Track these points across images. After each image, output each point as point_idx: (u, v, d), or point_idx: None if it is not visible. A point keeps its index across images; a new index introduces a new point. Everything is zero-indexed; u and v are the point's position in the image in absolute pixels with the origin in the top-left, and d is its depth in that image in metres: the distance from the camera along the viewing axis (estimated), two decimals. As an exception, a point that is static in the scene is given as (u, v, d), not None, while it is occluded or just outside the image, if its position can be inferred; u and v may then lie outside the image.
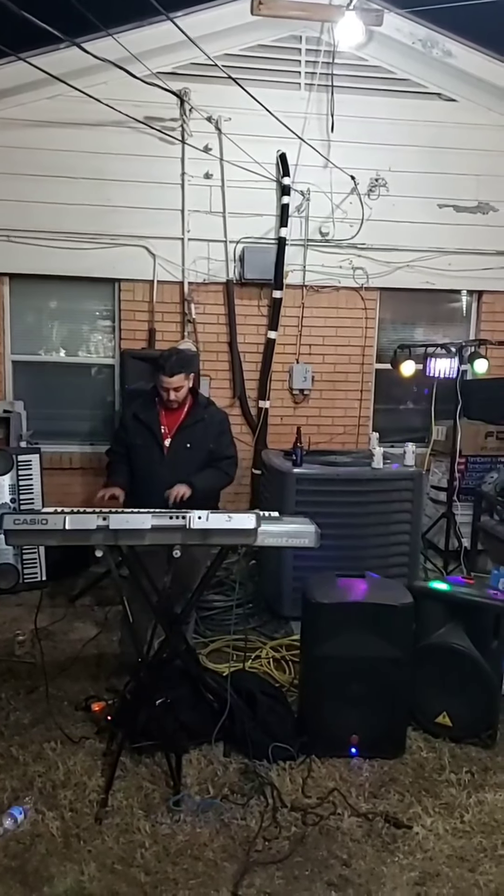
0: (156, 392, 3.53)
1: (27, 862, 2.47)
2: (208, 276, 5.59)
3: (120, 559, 2.98)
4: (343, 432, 5.88)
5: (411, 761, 3.07)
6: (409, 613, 3.08)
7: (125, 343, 5.57)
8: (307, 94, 5.51)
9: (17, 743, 3.14)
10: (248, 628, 4.29)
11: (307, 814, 2.71)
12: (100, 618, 4.55)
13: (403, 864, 2.48)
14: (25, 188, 5.30)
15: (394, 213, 5.68)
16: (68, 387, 5.77)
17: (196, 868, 2.45)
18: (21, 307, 5.65)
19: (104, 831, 2.62)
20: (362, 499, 4.39)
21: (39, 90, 5.18)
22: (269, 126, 5.24)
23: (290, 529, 2.90)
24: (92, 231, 5.40)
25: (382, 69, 5.55)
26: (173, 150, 5.43)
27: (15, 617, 4.53)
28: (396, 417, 6.11)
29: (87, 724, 3.30)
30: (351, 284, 5.73)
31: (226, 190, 5.51)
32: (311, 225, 5.65)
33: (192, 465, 3.46)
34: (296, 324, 5.73)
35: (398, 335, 6.03)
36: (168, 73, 5.26)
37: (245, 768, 2.98)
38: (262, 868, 2.45)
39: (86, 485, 5.62)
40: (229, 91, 5.14)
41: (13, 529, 2.72)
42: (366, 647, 3.01)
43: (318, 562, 3.74)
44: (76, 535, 2.72)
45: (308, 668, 3.19)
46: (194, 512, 2.81)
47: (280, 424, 5.80)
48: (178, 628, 3.23)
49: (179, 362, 3.41)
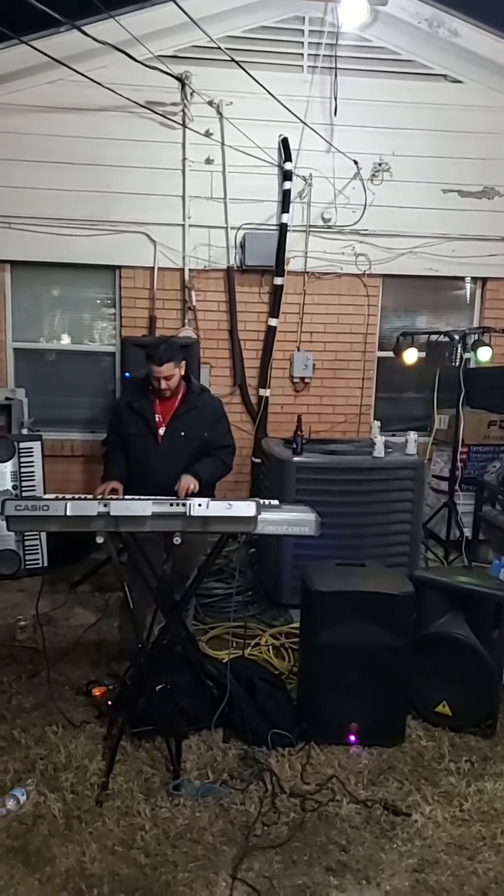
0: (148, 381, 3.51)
1: (29, 842, 2.50)
2: (209, 263, 5.56)
3: (120, 546, 2.99)
4: (344, 421, 5.87)
5: (410, 750, 3.08)
6: (410, 602, 3.09)
7: (126, 330, 5.56)
8: (310, 77, 5.45)
9: (20, 726, 3.17)
10: (248, 616, 4.31)
11: (306, 800, 2.73)
12: (100, 604, 4.57)
13: (402, 851, 2.50)
14: (25, 174, 5.26)
15: (397, 198, 5.63)
16: (69, 374, 5.77)
17: (195, 851, 2.48)
18: (22, 294, 5.63)
19: (105, 814, 2.65)
20: (363, 488, 4.38)
21: (39, 75, 5.14)
22: (271, 110, 5.19)
23: (291, 517, 2.90)
24: (92, 218, 5.38)
25: (387, 50, 5.48)
26: (174, 135, 5.38)
27: (16, 602, 4.56)
28: (398, 406, 6.09)
29: (87, 709, 3.33)
30: (353, 271, 5.70)
31: (227, 175, 5.46)
32: (313, 211, 5.61)
33: (187, 453, 3.44)
34: (297, 311, 5.71)
35: (400, 322, 6.00)
36: (169, 56, 5.20)
37: (244, 754, 3.00)
38: (260, 852, 2.48)
39: (87, 472, 5.63)
40: (231, 74, 5.10)
41: (15, 515, 2.73)
42: (365, 635, 3.02)
43: (317, 550, 3.74)
44: (77, 522, 2.73)
45: (307, 655, 3.21)
46: (194, 499, 2.81)
47: (280, 413, 5.79)
48: (178, 615, 3.24)
49: (168, 350, 3.37)
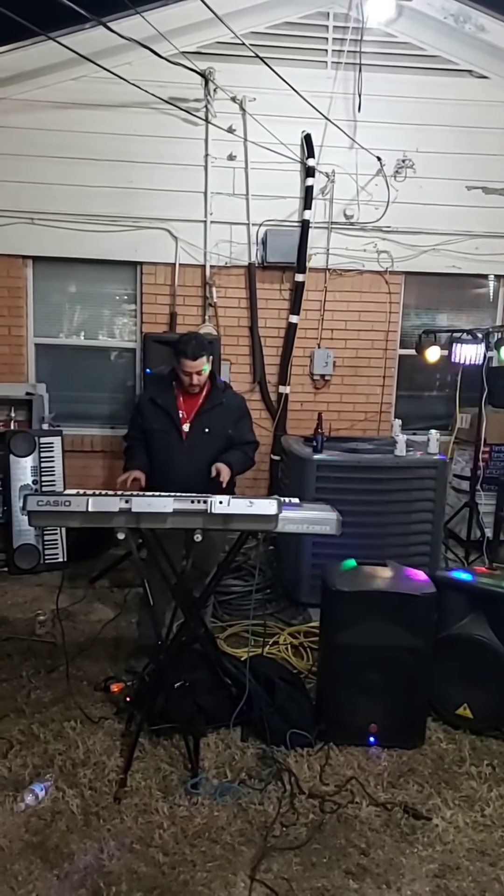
0: (173, 376, 3.50)
1: (48, 838, 2.50)
2: (230, 260, 5.54)
3: (140, 541, 2.98)
4: (364, 419, 5.83)
5: (431, 752, 3.05)
6: (431, 603, 3.04)
7: (146, 326, 5.56)
8: (334, 73, 5.41)
9: (38, 721, 3.17)
10: (266, 614, 4.29)
11: (325, 801, 2.71)
12: (119, 600, 4.57)
13: (423, 856, 2.47)
14: (48, 170, 5.29)
15: (420, 195, 5.58)
16: (90, 370, 5.79)
17: (214, 851, 2.46)
18: (43, 290, 5.66)
19: (123, 811, 2.64)
20: (384, 486, 4.34)
21: (63, 71, 5.17)
22: (294, 106, 5.17)
23: (312, 516, 2.87)
24: (114, 213, 5.39)
25: (412, 46, 5.42)
26: (197, 132, 5.37)
27: (36, 597, 4.58)
28: (419, 404, 6.03)
29: (106, 705, 3.33)
30: (375, 268, 5.65)
31: (249, 172, 5.44)
32: (335, 207, 5.57)
33: (211, 450, 3.44)
34: (318, 308, 5.67)
35: (421, 320, 5.94)
36: (193, 52, 5.19)
37: (262, 754, 2.98)
38: (279, 853, 2.46)
39: (106, 467, 5.65)
40: (254, 70, 5.08)
41: (37, 511, 2.73)
42: (386, 636, 2.99)
43: (337, 549, 3.71)
44: (98, 518, 2.72)
45: (327, 655, 3.18)
46: (215, 496, 2.79)
47: (300, 410, 5.77)
48: (197, 612, 3.23)
49: (200, 345, 3.39)
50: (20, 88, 5.23)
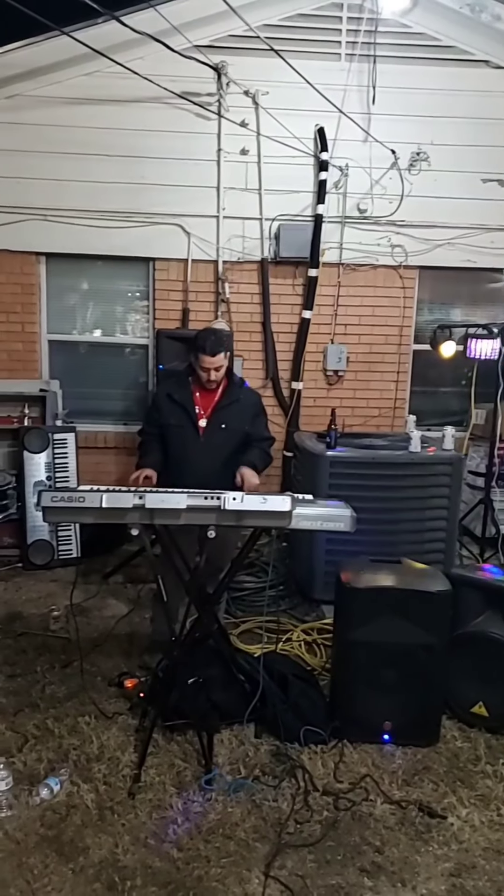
0: (190, 372, 3.50)
1: (63, 832, 2.51)
2: (243, 255, 5.52)
3: (153, 537, 2.98)
4: (378, 415, 5.79)
5: (446, 750, 3.03)
6: (447, 601, 3.02)
7: (159, 323, 5.55)
8: (347, 65, 5.35)
9: (53, 716, 3.19)
10: (279, 610, 4.28)
11: (339, 798, 2.70)
12: (132, 595, 4.58)
13: (438, 855, 2.45)
14: (61, 167, 5.29)
15: (435, 188, 5.52)
16: (103, 366, 5.80)
17: (228, 847, 2.46)
18: (57, 287, 5.66)
19: (137, 806, 2.65)
20: (398, 483, 4.31)
21: (76, 67, 5.16)
22: (308, 99, 5.13)
23: (326, 513, 2.86)
24: (127, 209, 5.38)
25: (427, 36, 5.36)
26: (209, 126, 5.35)
27: (50, 592, 4.60)
28: (434, 400, 5.99)
29: (119, 701, 3.34)
30: (389, 263, 5.61)
31: (262, 166, 5.41)
32: (348, 201, 5.53)
33: (228, 445, 3.44)
34: (331, 303, 5.64)
35: (436, 315, 5.89)
36: (205, 45, 5.16)
37: (276, 750, 2.98)
38: (293, 850, 2.45)
39: (119, 464, 5.66)
40: (267, 64, 5.05)
41: (51, 507, 2.74)
42: (401, 633, 2.97)
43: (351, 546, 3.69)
44: (112, 514, 2.72)
45: (341, 652, 3.16)
46: (229, 493, 2.79)
47: (313, 406, 5.74)
48: (211, 608, 3.23)
49: (219, 341, 3.39)
50: (33, 84, 5.22)
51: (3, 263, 5.46)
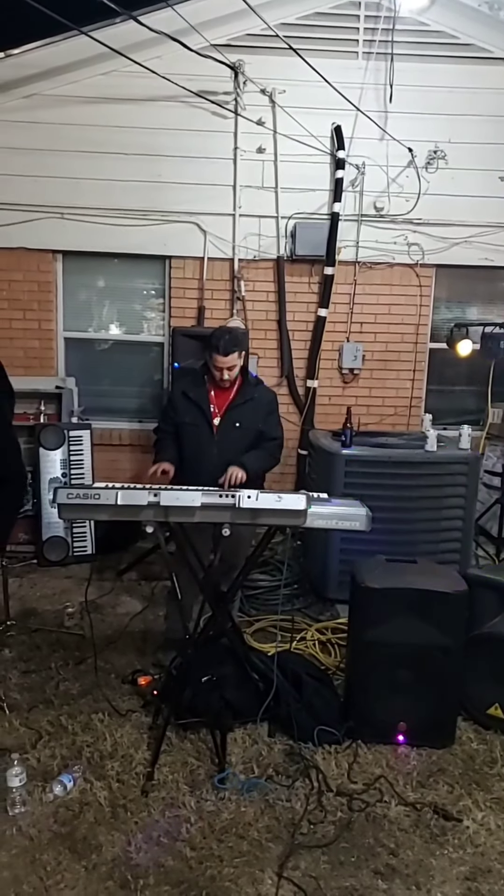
0: (205, 370, 3.50)
1: (76, 829, 2.52)
2: (259, 253, 5.51)
3: (167, 535, 2.98)
4: (394, 413, 5.76)
5: (461, 752, 3.00)
6: (463, 602, 2.99)
7: (175, 321, 5.55)
8: (365, 64, 5.33)
9: (67, 712, 3.20)
10: (293, 609, 4.27)
11: (353, 799, 2.68)
12: (146, 593, 4.59)
13: (453, 858, 2.43)
14: (78, 165, 5.31)
15: (452, 186, 5.47)
16: (118, 364, 5.81)
17: (241, 847, 2.45)
18: (73, 284, 5.68)
19: (150, 804, 2.65)
20: (414, 482, 4.28)
21: (93, 66, 5.18)
22: (324, 98, 5.10)
23: (341, 511, 2.85)
24: (143, 207, 5.39)
25: (445, 34, 5.32)
26: (226, 125, 5.34)
27: (64, 589, 4.62)
28: (450, 399, 5.94)
29: (133, 698, 3.34)
30: (405, 261, 5.57)
31: (278, 164, 5.40)
32: (365, 200, 5.50)
33: (242, 444, 3.43)
34: (347, 301, 5.61)
35: (452, 314, 5.85)
36: (223, 45, 5.15)
37: (290, 750, 2.97)
38: (307, 851, 2.44)
39: (134, 461, 5.67)
40: (284, 62, 5.05)
41: (67, 503, 2.74)
42: (416, 634, 2.95)
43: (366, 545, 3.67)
44: (127, 511, 2.73)
45: (356, 652, 3.15)
46: (244, 491, 2.78)
47: (328, 404, 5.72)
48: (225, 606, 3.22)
49: (233, 340, 3.38)
50: (51, 84, 5.25)
51: (20, 261, 5.48)
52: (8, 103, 5.26)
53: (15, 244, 5.42)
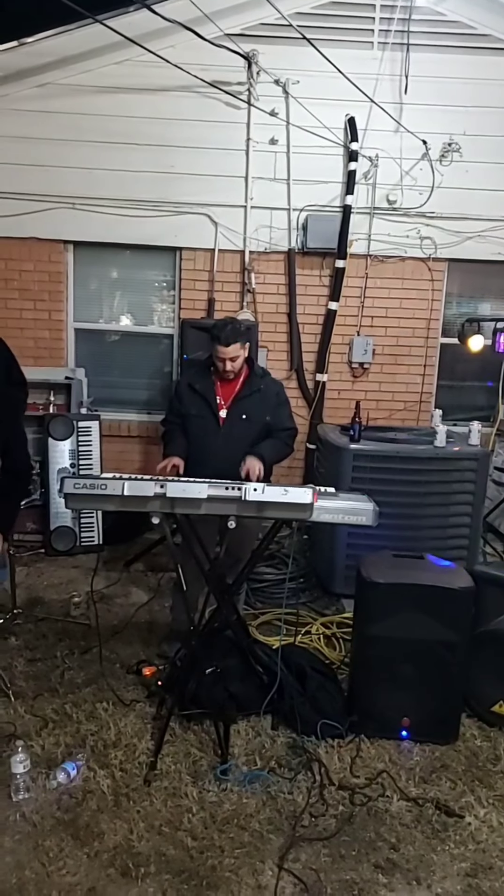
0: (211, 362, 3.48)
1: (79, 816, 2.53)
2: (270, 245, 5.49)
3: (174, 526, 2.98)
4: (404, 408, 5.73)
5: (464, 749, 2.99)
6: (469, 598, 2.98)
7: (185, 312, 5.54)
8: (380, 54, 5.27)
9: (71, 701, 3.22)
10: (299, 603, 4.27)
11: (355, 793, 2.68)
12: (152, 584, 4.60)
13: (454, 854, 2.42)
14: (90, 155, 5.29)
15: (467, 179, 5.42)
16: (128, 355, 5.81)
17: (242, 838, 2.46)
18: (84, 275, 5.68)
19: (153, 793, 2.66)
20: (422, 478, 4.26)
21: (107, 55, 5.16)
22: (339, 89, 5.06)
23: (348, 506, 2.83)
24: (155, 198, 5.37)
25: (462, 24, 5.24)
26: (239, 116, 5.31)
27: (71, 579, 4.64)
28: (461, 394, 5.90)
29: (137, 688, 3.35)
30: (418, 255, 5.53)
31: (291, 156, 5.36)
32: (378, 192, 5.45)
33: (248, 436, 3.41)
34: (358, 295, 5.58)
35: (464, 309, 5.80)
36: (236, 34, 5.11)
37: (293, 743, 2.97)
38: (307, 844, 2.44)
39: (143, 452, 5.68)
40: (298, 52, 5.00)
41: (73, 493, 2.75)
42: (422, 629, 2.94)
43: (372, 540, 3.67)
44: (134, 502, 2.73)
45: (360, 646, 3.14)
46: (250, 484, 2.77)
47: (337, 399, 5.70)
48: (230, 598, 3.23)
49: (235, 332, 3.35)
50: (64, 73, 5.23)
51: (31, 251, 5.49)
52: (21, 92, 5.25)
53: (26, 234, 5.42)
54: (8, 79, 5.21)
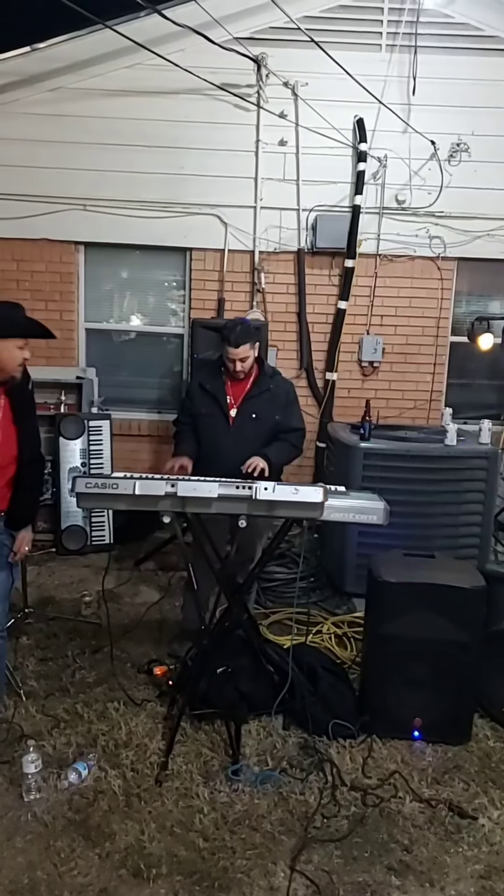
0: (222, 362, 3.49)
1: (90, 817, 2.53)
2: (279, 245, 5.49)
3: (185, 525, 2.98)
4: (414, 407, 5.71)
5: (477, 750, 2.97)
6: (481, 597, 2.96)
7: (195, 312, 5.55)
8: (388, 56, 5.27)
9: (82, 700, 3.21)
10: (310, 602, 4.25)
11: (367, 794, 2.66)
12: (163, 583, 4.60)
13: (468, 856, 2.40)
14: (101, 157, 5.32)
15: (475, 179, 5.41)
16: (138, 355, 5.83)
17: (254, 839, 2.45)
18: (94, 276, 5.71)
19: (164, 794, 2.65)
20: (433, 477, 4.25)
21: (117, 60, 5.19)
22: (347, 90, 5.07)
23: (358, 505, 2.82)
24: (165, 200, 5.39)
25: (470, 27, 5.25)
26: (248, 118, 5.32)
27: (82, 578, 4.64)
28: (471, 393, 5.88)
29: (148, 688, 3.35)
30: (427, 254, 5.51)
31: (300, 157, 5.37)
32: (387, 192, 5.45)
33: (258, 436, 3.41)
34: (367, 294, 5.57)
35: (473, 307, 5.78)
36: (245, 38, 5.13)
37: (304, 743, 2.96)
38: (320, 845, 2.43)
39: (153, 452, 5.69)
40: (307, 55, 5.02)
41: (85, 493, 2.75)
42: (433, 629, 2.92)
43: (383, 539, 3.65)
44: (145, 501, 2.73)
45: (372, 646, 3.12)
46: (261, 483, 2.76)
47: (347, 397, 5.69)
48: (241, 597, 3.22)
49: (244, 332, 3.36)
50: (75, 77, 5.26)
51: (43, 252, 5.51)
52: (34, 96, 5.29)
53: (38, 235, 5.45)
54: (20, 83, 5.25)
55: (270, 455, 3.31)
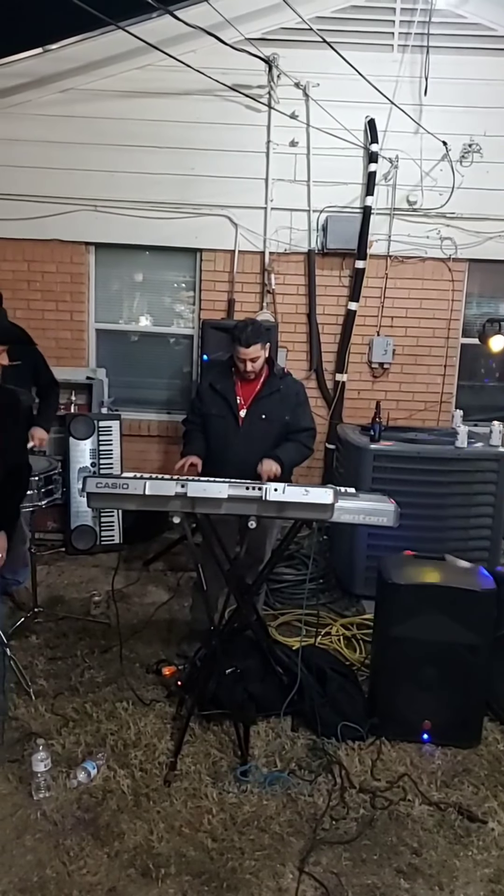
0: (232, 363, 3.49)
1: (99, 816, 2.53)
2: (290, 246, 5.49)
3: (194, 526, 2.99)
4: (424, 409, 5.69)
5: (487, 753, 2.96)
6: (491, 599, 2.94)
7: (205, 313, 5.56)
8: (400, 57, 5.25)
9: (92, 700, 3.22)
10: (319, 604, 4.25)
11: (376, 797, 2.66)
12: (172, 583, 4.61)
13: (478, 860, 2.39)
14: (112, 158, 5.33)
15: (487, 180, 5.38)
16: (148, 355, 5.84)
17: (262, 840, 2.44)
18: (105, 276, 5.72)
19: (173, 794, 2.65)
20: (443, 479, 4.23)
21: (129, 61, 5.19)
22: (359, 91, 5.05)
23: (369, 507, 2.81)
24: (176, 200, 5.39)
25: (482, 27, 5.21)
26: (259, 118, 5.32)
27: (91, 577, 4.66)
28: (482, 394, 5.85)
29: (157, 688, 3.36)
30: (438, 255, 5.49)
31: (311, 158, 5.36)
32: (398, 193, 5.43)
33: (268, 436, 3.42)
34: (378, 295, 5.56)
35: (485, 309, 5.75)
36: (257, 38, 5.12)
37: (313, 745, 2.95)
38: (328, 847, 2.42)
39: (162, 452, 5.70)
40: (318, 56, 5.00)
41: (96, 493, 2.76)
42: (443, 631, 2.91)
43: (393, 541, 3.65)
44: (155, 501, 2.74)
45: (381, 648, 3.12)
46: (271, 484, 2.77)
47: (357, 399, 5.68)
48: (250, 598, 3.22)
49: (255, 332, 3.36)
50: (87, 78, 5.28)
51: (53, 253, 5.54)
52: (45, 97, 5.31)
53: (49, 236, 5.48)
54: (32, 84, 5.27)
55: (281, 456, 3.31)
